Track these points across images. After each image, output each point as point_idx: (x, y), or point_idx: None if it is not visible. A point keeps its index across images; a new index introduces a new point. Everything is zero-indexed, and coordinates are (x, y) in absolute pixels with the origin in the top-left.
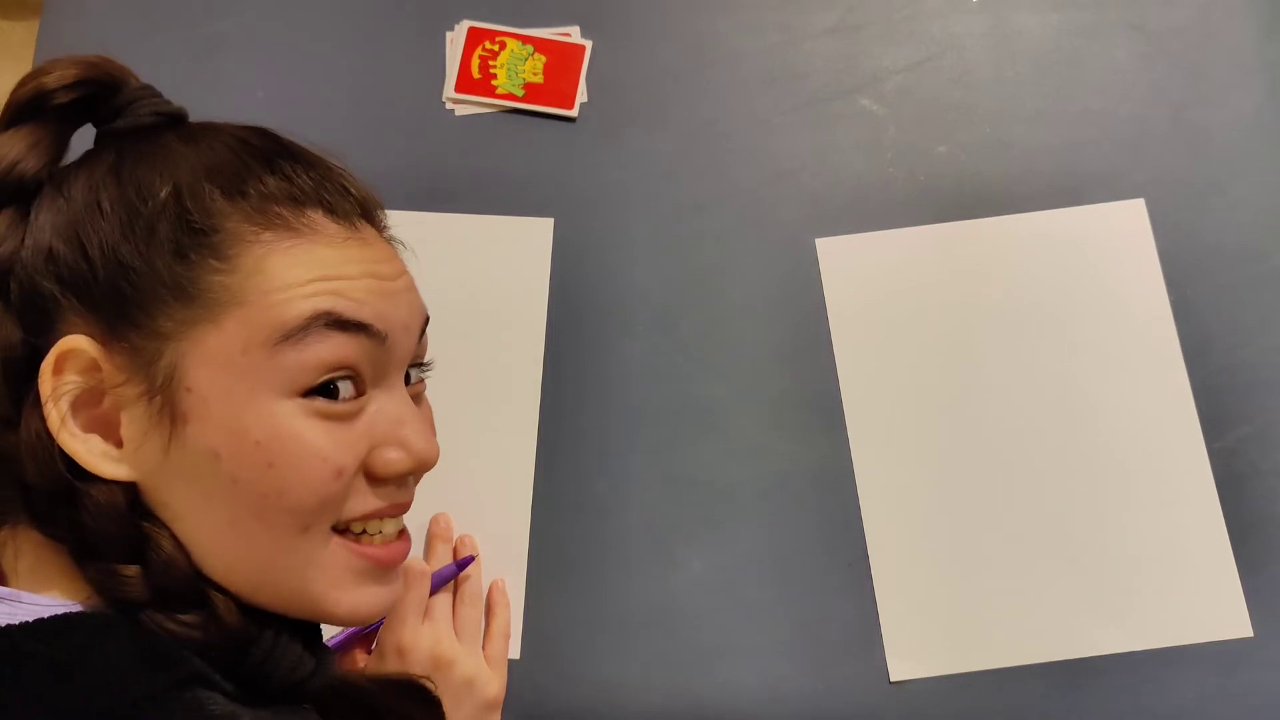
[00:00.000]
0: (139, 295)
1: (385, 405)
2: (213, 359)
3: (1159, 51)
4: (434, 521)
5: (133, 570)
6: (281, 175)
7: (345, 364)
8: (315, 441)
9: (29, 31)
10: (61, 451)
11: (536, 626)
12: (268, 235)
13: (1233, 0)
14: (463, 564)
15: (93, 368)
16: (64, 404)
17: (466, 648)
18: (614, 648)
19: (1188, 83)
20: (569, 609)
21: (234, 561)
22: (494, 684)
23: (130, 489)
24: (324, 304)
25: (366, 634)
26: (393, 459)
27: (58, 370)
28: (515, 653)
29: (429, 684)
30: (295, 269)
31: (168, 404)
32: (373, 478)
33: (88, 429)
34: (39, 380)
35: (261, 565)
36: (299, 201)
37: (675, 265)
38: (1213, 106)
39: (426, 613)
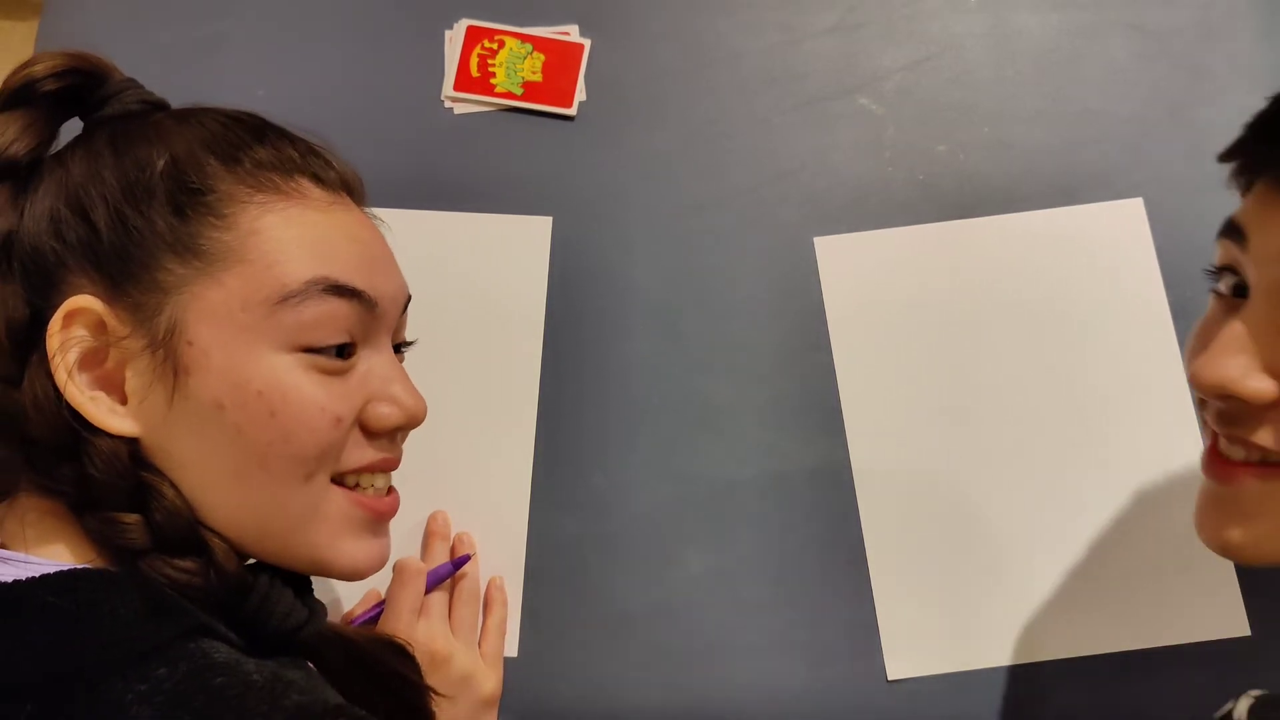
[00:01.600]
0: (141, 252)
1: (375, 364)
2: (213, 314)
3: (1159, 51)
4: (432, 519)
5: (133, 518)
6: (271, 146)
7: (340, 326)
8: (314, 392)
9: (29, 31)
10: (68, 407)
11: (534, 624)
12: (260, 197)
13: (1233, 0)
14: (459, 562)
15: (98, 324)
16: (71, 358)
17: (463, 644)
18: (611, 646)
19: (1188, 83)
20: (567, 607)
21: (237, 511)
22: (490, 680)
23: (133, 443)
24: (321, 269)
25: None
26: (386, 413)
27: (65, 327)
28: (513, 650)
29: (408, 645)
30: (289, 228)
31: (170, 357)
32: (367, 431)
33: (93, 387)
34: (46, 338)
35: (265, 515)
36: (288, 169)
37: (674, 264)
38: (1212, 106)
39: (422, 610)
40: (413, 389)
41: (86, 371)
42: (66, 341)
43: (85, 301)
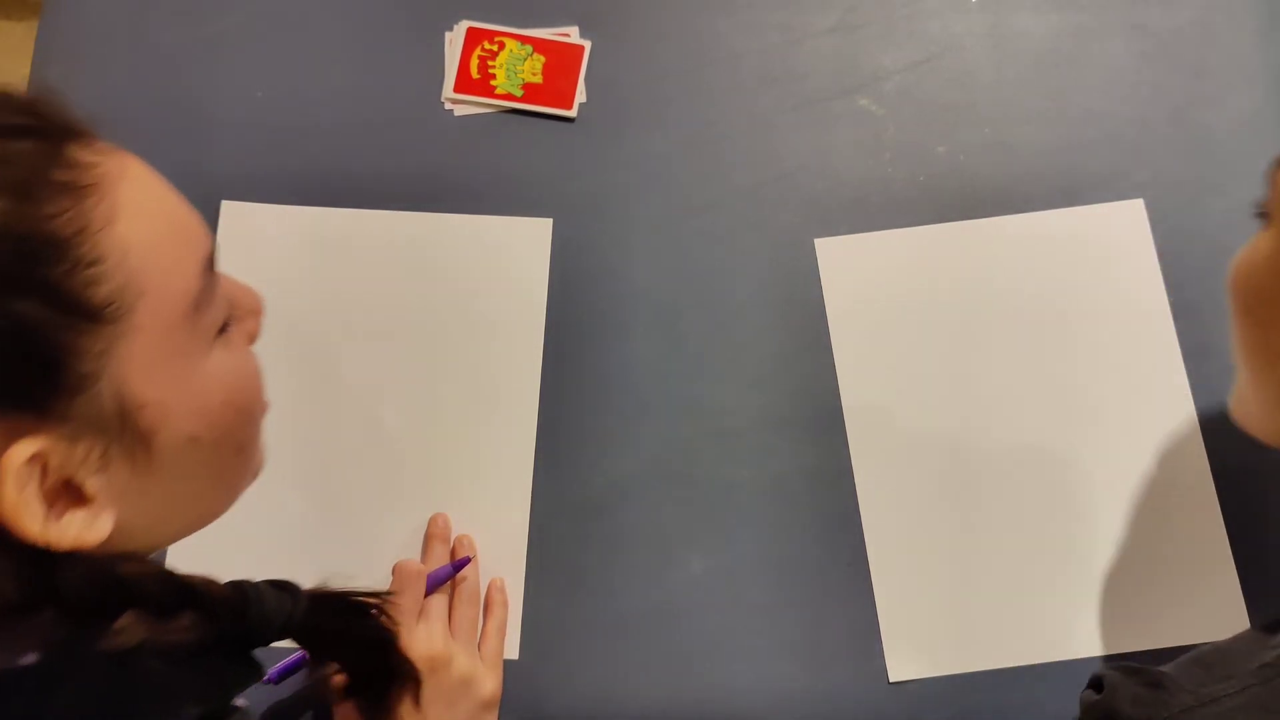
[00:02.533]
0: (44, 354)
1: (221, 291)
2: (147, 364)
3: (1159, 52)
4: (432, 522)
5: (126, 620)
6: (12, 134)
7: (220, 288)
8: (246, 363)
9: (29, 31)
10: (28, 554)
11: (535, 627)
12: (96, 214)
13: (1233, 0)
14: (459, 565)
15: (40, 461)
16: (36, 509)
17: (463, 647)
18: (612, 648)
19: (1188, 83)
20: (567, 609)
21: (218, 503)
22: (490, 683)
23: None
24: (194, 250)
25: None
26: (256, 326)
27: (18, 487)
28: (514, 653)
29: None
30: (140, 227)
31: (132, 434)
32: None
33: (57, 514)
34: (5, 516)
35: (237, 483)
36: (49, 152)
37: (674, 265)
38: (1213, 106)
39: (422, 613)
40: (240, 284)
41: (41, 504)
42: (23, 502)
43: (20, 454)
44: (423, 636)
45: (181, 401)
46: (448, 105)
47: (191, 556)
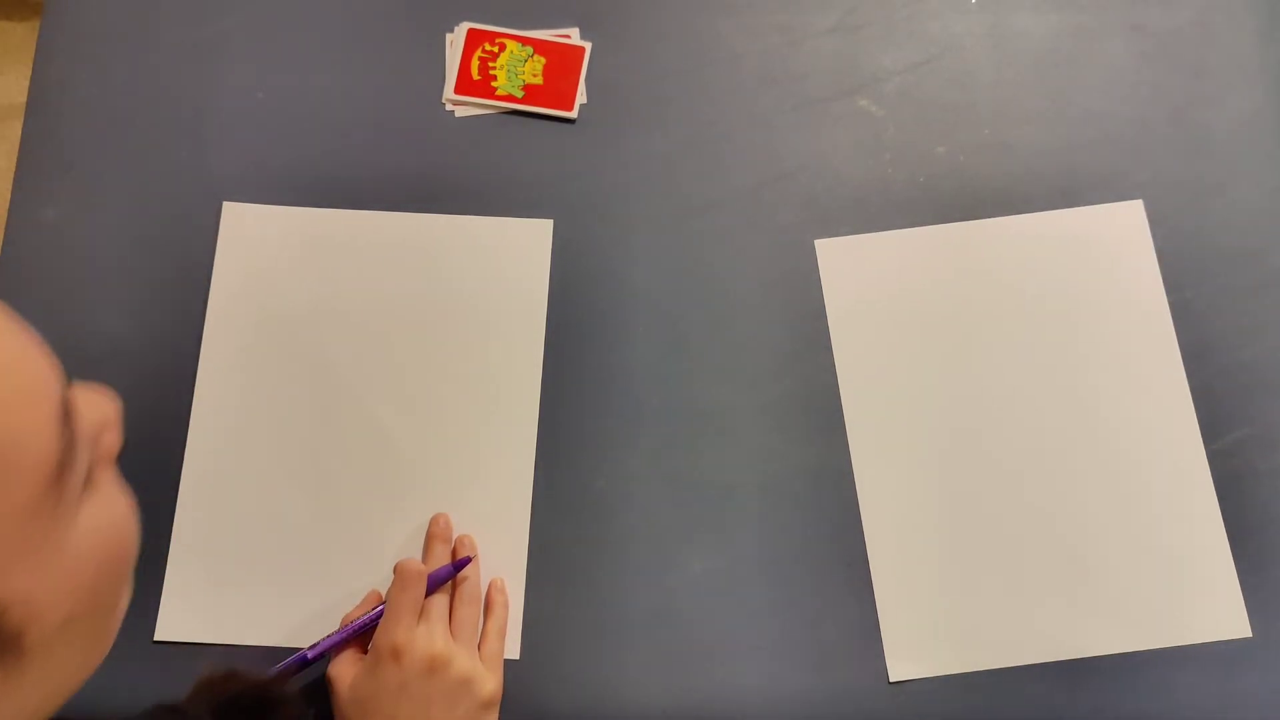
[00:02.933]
0: None
1: (81, 431)
2: (7, 560)
3: (1159, 52)
4: (433, 522)
5: None
6: None
7: (78, 432)
8: (116, 508)
9: (29, 31)
10: None
11: (536, 627)
12: None
13: (1233, 0)
14: (459, 565)
15: None
16: None
17: (463, 647)
18: (613, 648)
19: (1188, 83)
20: (568, 609)
21: (95, 662)
22: (490, 683)
23: None
24: (48, 396)
25: (362, 633)
26: (116, 439)
27: None
28: (514, 653)
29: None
30: None
31: (2, 643)
32: None
33: None
34: None
35: (113, 632)
36: None
37: (675, 266)
38: (1213, 107)
39: (422, 613)
40: (88, 396)
41: None
42: None
43: None
44: (423, 637)
45: (52, 588)
46: (448, 106)
47: (192, 559)
